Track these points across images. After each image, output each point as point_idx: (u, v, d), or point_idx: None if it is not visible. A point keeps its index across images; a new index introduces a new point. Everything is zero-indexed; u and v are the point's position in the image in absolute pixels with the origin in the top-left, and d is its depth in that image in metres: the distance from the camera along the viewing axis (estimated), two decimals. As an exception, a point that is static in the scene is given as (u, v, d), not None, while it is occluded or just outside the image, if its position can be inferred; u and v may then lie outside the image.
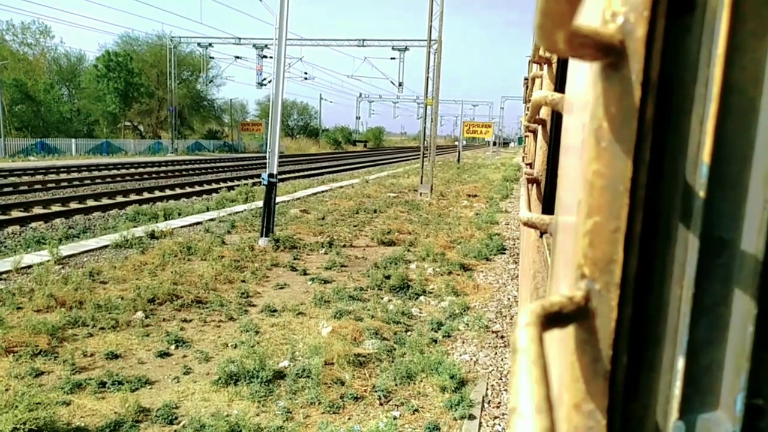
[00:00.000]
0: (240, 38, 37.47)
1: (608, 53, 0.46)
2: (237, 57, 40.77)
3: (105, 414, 4.19)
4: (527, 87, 5.76)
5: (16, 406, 4.11)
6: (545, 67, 2.48)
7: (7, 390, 4.36)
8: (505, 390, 4.89)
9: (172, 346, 5.47)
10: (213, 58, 43.45)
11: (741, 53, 0.43)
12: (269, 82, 34.45)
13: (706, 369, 0.44)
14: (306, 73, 47.30)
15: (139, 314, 6.16)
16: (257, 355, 5.03)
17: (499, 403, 4.69)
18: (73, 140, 35.13)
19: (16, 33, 43.01)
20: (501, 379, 5.12)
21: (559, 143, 0.99)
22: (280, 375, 4.88)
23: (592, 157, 0.48)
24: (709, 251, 0.44)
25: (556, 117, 2.05)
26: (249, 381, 4.70)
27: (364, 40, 34.46)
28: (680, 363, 0.45)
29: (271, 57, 33.23)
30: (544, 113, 2.40)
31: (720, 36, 0.43)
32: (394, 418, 4.29)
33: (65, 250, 8.83)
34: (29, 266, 7.70)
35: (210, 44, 39.84)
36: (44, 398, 4.26)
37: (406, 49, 35.91)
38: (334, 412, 4.34)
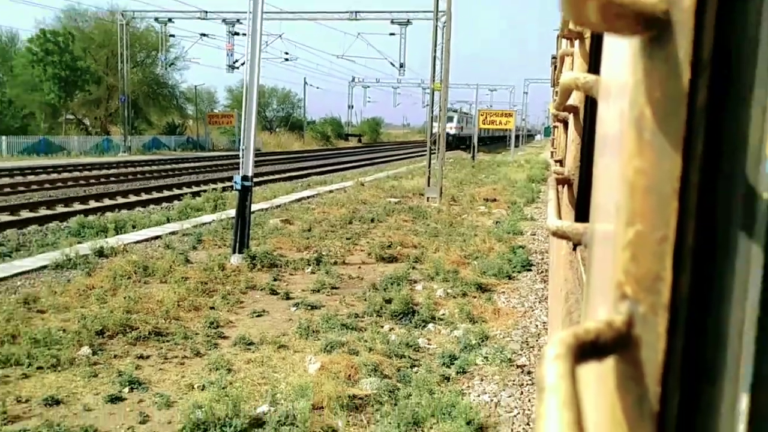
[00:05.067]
0: (206, 11, 37.63)
1: (650, 26, 0.46)
2: (203, 34, 40.98)
3: (43, 473, 4.17)
4: (556, 67, 5.79)
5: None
6: (577, 43, 2.50)
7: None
8: (534, 438, 4.86)
9: (126, 389, 5.45)
10: (174, 35, 43.69)
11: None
12: (242, 64, 34.53)
13: (776, 409, 0.44)
14: (287, 54, 47.53)
15: (85, 350, 6.14)
16: (230, 399, 5.01)
17: (527, 453, 4.67)
18: (4, 138, 35.18)
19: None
20: (528, 424, 5.10)
21: (594, 135, 0.99)
22: (257, 423, 4.86)
23: (633, 153, 0.49)
24: (777, 265, 0.44)
25: (591, 103, 2.06)
26: (220, 430, 4.68)
27: (357, 12, 34.61)
28: (743, 402, 0.45)
29: (244, 34, 33.35)
30: (576, 99, 2.41)
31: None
32: (399, 474, 4.27)
33: (-6, 272, 8.82)
34: (-50, 292, 7.69)
35: (170, 19, 39.98)
36: (-31, 454, 4.24)
37: (408, 22, 36.06)
38: (324, 468, 4.33)
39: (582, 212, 2.06)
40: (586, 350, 0.46)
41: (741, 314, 0.45)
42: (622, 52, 0.57)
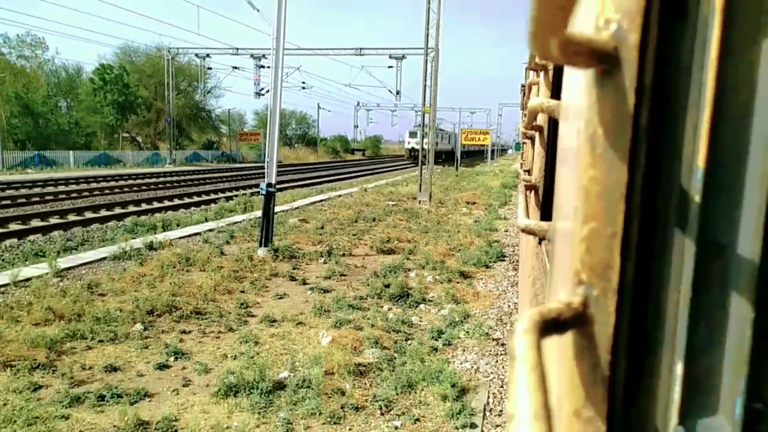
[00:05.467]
0: (238, 48, 37.54)
1: (602, 60, 0.46)
2: (235, 67, 40.84)
3: (104, 428, 4.17)
4: (524, 94, 5.79)
5: (14, 421, 4.09)
6: (541, 74, 2.50)
7: (5, 404, 4.33)
8: (507, 398, 4.86)
9: (171, 358, 5.44)
10: (211, 68, 43.50)
11: (733, 58, 0.43)
12: (267, 91, 34.47)
13: (705, 373, 0.44)
14: (304, 83, 47.39)
15: (138, 326, 6.13)
16: (257, 366, 5.01)
17: (501, 411, 4.67)
18: (71, 152, 35.12)
19: (12, 46, 43.16)
20: (502, 387, 5.09)
21: (556, 150, 0.99)
22: (280, 386, 4.86)
23: (588, 164, 0.49)
24: (705, 256, 0.44)
25: (553, 124, 2.06)
26: (249, 392, 4.67)
27: (361, 48, 34.52)
28: (679, 368, 0.45)
29: (268, 67, 33.30)
30: (541, 120, 2.41)
31: (712, 42, 0.43)
32: (396, 429, 4.27)
33: (63, 262, 8.81)
34: (28, 279, 7.67)
35: (208, 55, 39.87)
36: (42, 412, 4.24)
37: (403, 57, 35.97)
38: (334, 423, 4.32)
39: (546, 213, 2.06)
40: (550, 326, 0.46)
41: (676, 296, 0.45)
42: (579, 82, 0.57)
